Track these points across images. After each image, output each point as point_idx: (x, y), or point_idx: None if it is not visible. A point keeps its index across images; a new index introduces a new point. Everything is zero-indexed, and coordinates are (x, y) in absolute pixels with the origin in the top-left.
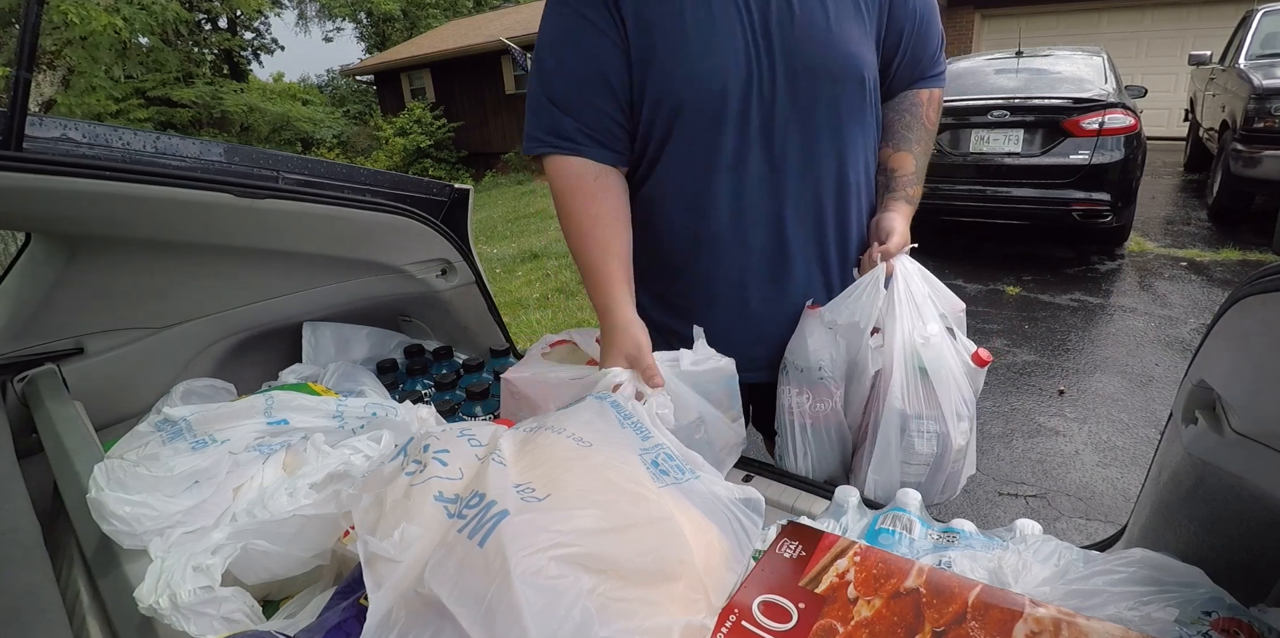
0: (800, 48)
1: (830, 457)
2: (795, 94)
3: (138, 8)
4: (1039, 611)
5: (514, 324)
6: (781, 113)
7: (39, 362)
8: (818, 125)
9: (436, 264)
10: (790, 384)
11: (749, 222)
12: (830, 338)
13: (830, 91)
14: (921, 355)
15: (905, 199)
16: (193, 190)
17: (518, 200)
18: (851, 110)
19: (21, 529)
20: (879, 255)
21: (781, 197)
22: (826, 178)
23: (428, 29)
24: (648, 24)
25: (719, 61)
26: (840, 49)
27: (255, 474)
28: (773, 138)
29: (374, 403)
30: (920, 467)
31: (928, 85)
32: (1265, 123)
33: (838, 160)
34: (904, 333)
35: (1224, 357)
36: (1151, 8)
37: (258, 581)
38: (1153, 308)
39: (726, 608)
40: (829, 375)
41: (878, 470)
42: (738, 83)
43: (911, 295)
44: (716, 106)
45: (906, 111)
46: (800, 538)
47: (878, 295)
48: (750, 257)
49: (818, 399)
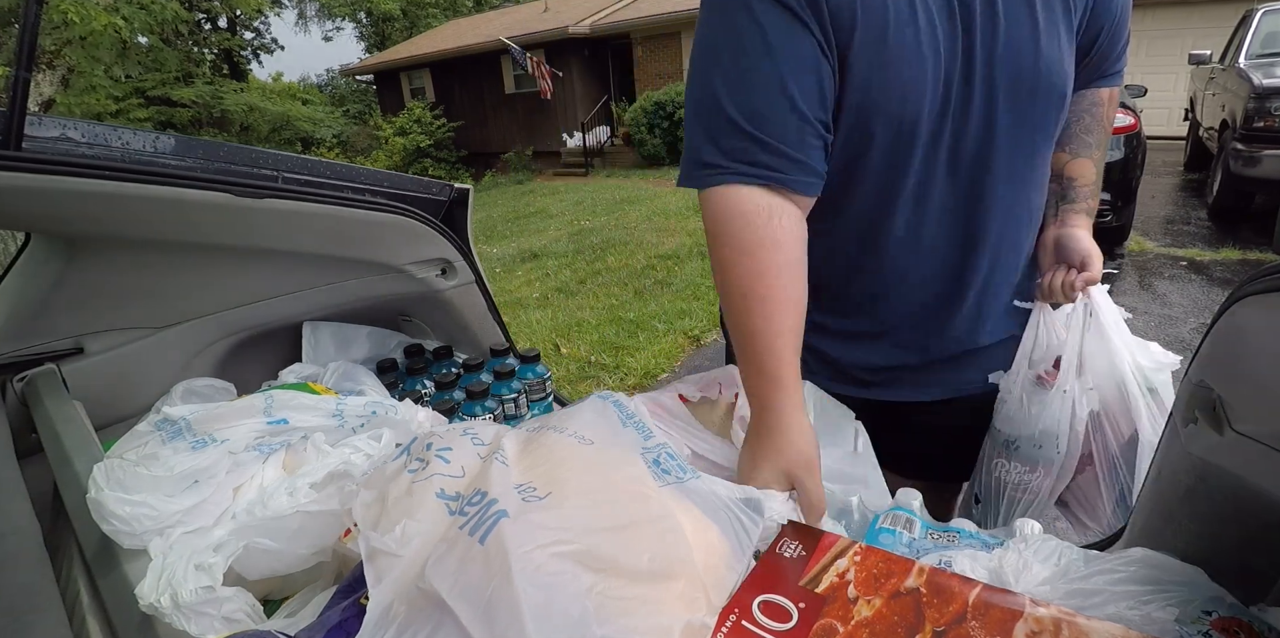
0: (1003, 62)
1: (1036, 515)
2: (990, 115)
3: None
4: (1039, 610)
5: (514, 324)
6: (974, 135)
7: (39, 362)
8: (1013, 149)
9: (436, 264)
10: (1019, 462)
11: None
12: (1063, 403)
13: (1030, 111)
14: (1152, 378)
15: (1086, 212)
16: (192, 190)
17: (517, 200)
18: (1049, 131)
19: (21, 529)
20: (1080, 283)
21: (964, 229)
22: (1014, 207)
23: (427, 28)
24: (846, 18)
25: (917, 74)
26: (1047, 64)
27: (255, 474)
28: (960, 165)
29: (374, 401)
30: None
31: (1108, 84)
32: (1265, 122)
33: (1027, 188)
34: (1130, 360)
35: (1224, 356)
36: (1152, 7)
37: (259, 577)
38: (1153, 307)
39: (727, 608)
40: (1068, 448)
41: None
42: (933, 100)
43: (1117, 318)
44: (910, 128)
45: (1085, 113)
46: (800, 538)
47: (1085, 330)
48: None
49: (1049, 476)
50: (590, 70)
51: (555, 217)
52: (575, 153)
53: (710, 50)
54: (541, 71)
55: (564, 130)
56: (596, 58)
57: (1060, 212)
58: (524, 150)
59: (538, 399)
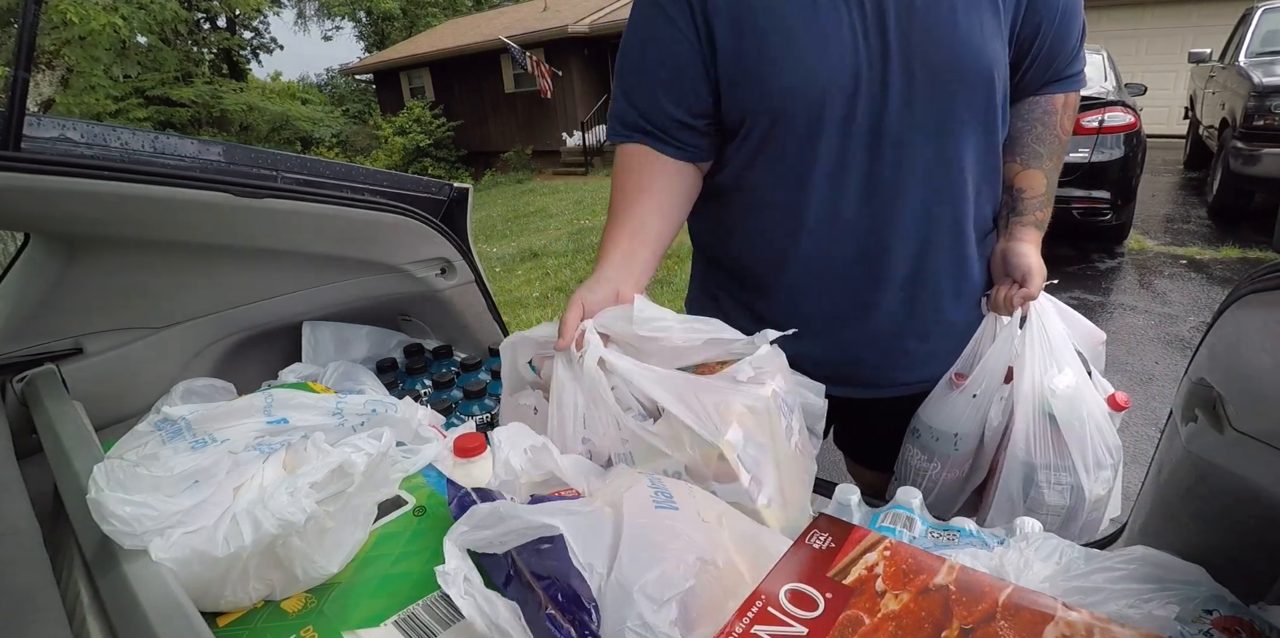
0: (919, 43)
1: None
2: (911, 96)
3: (136, 7)
4: (1071, 615)
5: (514, 323)
6: (892, 118)
7: (38, 362)
8: (940, 133)
9: (436, 263)
10: (920, 449)
11: (843, 239)
12: (970, 405)
13: (951, 94)
14: (1051, 403)
15: (1035, 225)
16: (191, 190)
17: (517, 199)
18: (975, 116)
19: (21, 530)
20: (1018, 299)
21: (884, 213)
22: (944, 191)
23: (427, 28)
24: (741, 22)
25: (821, 61)
26: (967, 44)
27: (255, 474)
28: (880, 147)
29: (374, 400)
30: (1052, 518)
31: (1063, 89)
32: (1265, 120)
33: (960, 172)
34: (1033, 379)
35: (1224, 355)
36: (1152, 5)
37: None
38: (1152, 306)
39: (753, 594)
40: (964, 447)
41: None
42: (844, 84)
43: (1047, 338)
44: (815, 113)
45: (1038, 122)
46: (831, 530)
47: (1013, 341)
48: (841, 276)
49: (947, 469)
50: (590, 69)
51: (555, 216)
52: (575, 152)
53: (625, 33)
54: (541, 71)
55: (564, 129)
56: (596, 57)
57: (1010, 224)
58: (523, 150)
59: None
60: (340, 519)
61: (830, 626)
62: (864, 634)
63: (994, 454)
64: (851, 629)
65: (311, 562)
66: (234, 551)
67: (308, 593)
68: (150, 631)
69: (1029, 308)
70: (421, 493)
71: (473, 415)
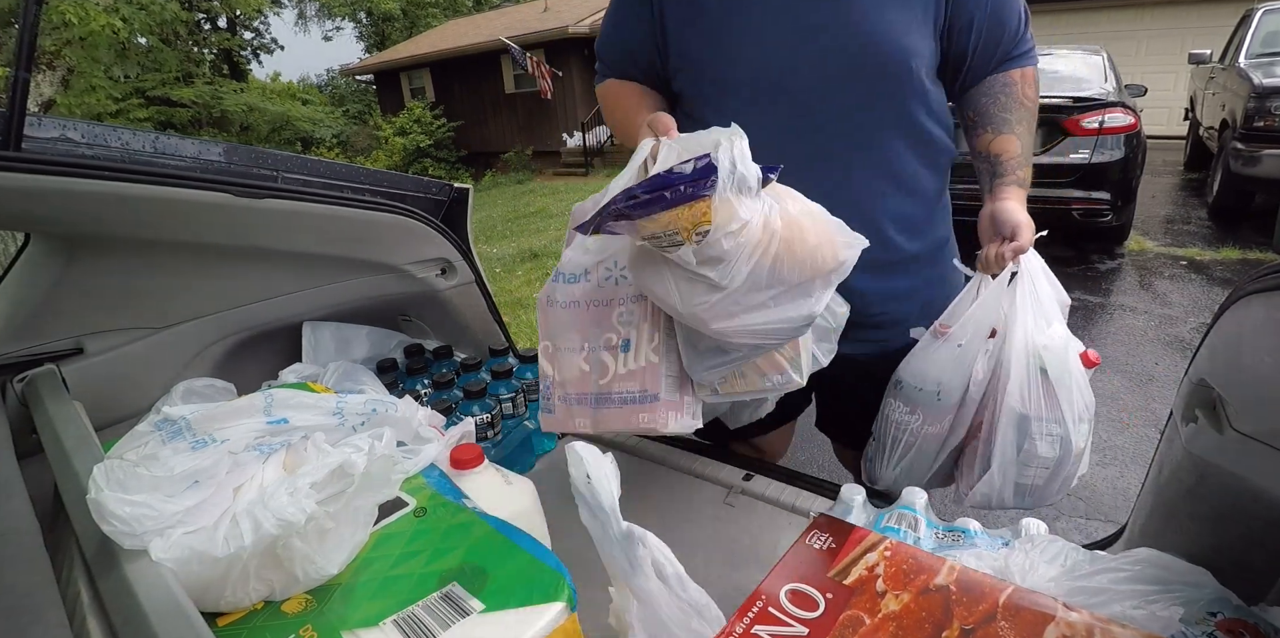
0: (834, 35)
1: (923, 471)
2: (827, 85)
3: (137, 8)
4: (1072, 615)
5: (514, 324)
6: (813, 103)
7: (38, 362)
8: (867, 122)
9: (436, 263)
10: (901, 401)
11: None
12: (954, 355)
13: (869, 80)
14: (1044, 357)
15: (1017, 183)
16: (192, 190)
17: (517, 200)
18: (893, 103)
19: (21, 530)
20: (1010, 252)
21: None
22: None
23: (427, 28)
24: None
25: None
26: (881, 36)
27: (255, 474)
28: (803, 130)
29: (374, 399)
30: (1040, 470)
31: (1017, 65)
32: (1265, 121)
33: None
34: (1025, 333)
35: (1224, 355)
36: (1151, 6)
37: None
38: (1153, 307)
39: (753, 594)
40: (947, 399)
41: (996, 475)
42: (760, 66)
43: (1036, 294)
44: (735, 90)
45: (1000, 93)
46: (831, 531)
47: (1001, 297)
48: None
49: (929, 422)
50: (590, 70)
51: (555, 216)
52: (575, 152)
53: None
54: (541, 71)
55: (564, 130)
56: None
57: (993, 186)
58: (524, 150)
59: (536, 399)
60: (340, 520)
61: (831, 626)
62: (864, 634)
63: (975, 413)
64: (852, 629)
65: (311, 562)
66: (234, 551)
67: (307, 594)
68: (150, 631)
69: (1020, 262)
70: (423, 495)
71: (473, 415)
